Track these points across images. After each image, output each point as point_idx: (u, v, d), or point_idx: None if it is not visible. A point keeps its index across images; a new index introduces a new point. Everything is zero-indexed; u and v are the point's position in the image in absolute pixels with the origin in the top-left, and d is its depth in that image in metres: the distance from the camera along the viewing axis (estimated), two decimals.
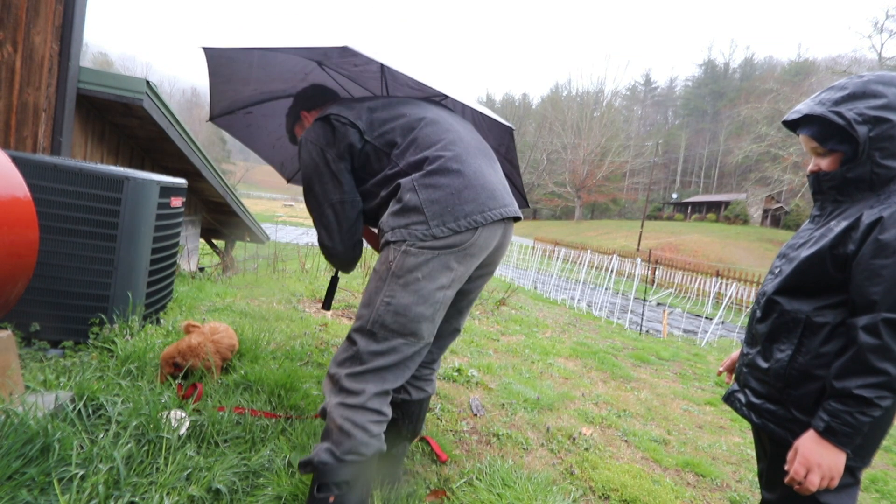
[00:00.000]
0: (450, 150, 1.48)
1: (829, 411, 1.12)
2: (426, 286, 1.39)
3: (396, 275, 1.40)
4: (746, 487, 2.56)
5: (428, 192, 1.41)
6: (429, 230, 1.38)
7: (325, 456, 1.34)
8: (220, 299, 4.32)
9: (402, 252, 1.40)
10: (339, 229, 1.61)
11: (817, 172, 1.29)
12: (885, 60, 30.36)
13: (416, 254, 1.39)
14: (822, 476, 1.12)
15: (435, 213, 1.39)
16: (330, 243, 1.64)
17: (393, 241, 1.42)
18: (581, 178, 47.63)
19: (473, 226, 1.40)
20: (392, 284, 1.40)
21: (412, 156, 1.49)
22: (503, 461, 2.27)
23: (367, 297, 1.46)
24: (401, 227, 1.42)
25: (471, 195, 1.42)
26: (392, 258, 1.41)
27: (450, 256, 1.40)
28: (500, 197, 1.50)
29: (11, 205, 1.72)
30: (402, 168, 1.49)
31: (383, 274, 1.43)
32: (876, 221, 1.11)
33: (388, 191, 1.50)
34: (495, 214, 1.45)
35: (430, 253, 1.39)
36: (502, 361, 4.01)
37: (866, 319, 1.09)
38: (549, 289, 11.25)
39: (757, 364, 1.33)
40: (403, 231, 1.41)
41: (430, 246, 1.39)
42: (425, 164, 1.45)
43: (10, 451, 1.44)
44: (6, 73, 3.01)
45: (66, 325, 2.50)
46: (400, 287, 1.39)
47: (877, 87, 1.17)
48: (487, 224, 1.44)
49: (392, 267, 1.40)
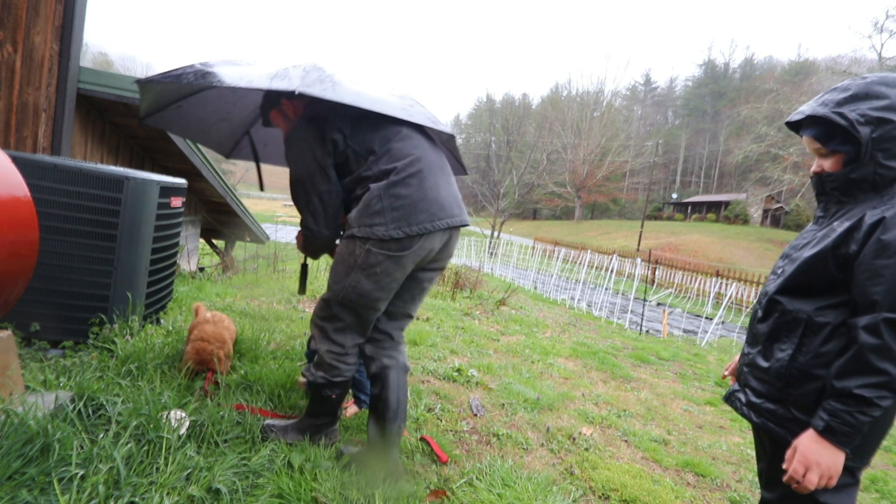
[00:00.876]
0: (414, 167, 1.77)
1: (829, 411, 1.12)
2: (383, 278, 1.78)
3: (361, 267, 1.77)
4: (746, 487, 2.56)
5: (390, 201, 1.72)
6: (387, 231, 1.71)
7: (320, 379, 1.93)
8: (220, 299, 4.32)
9: (366, 251, 1.75)
10: (325, 215, 1.88)
11: (820, 173, 1.29)
12: (885, 60, 30.31)
13: (377, 255, 1.74)
14: (820, 475, 1.12)
15: (393, 219, 1.71)
16: (316, 227, 1.90)
17: (359, 236, 1.75)
18: (581, 178, 47.60)
19: (422, 232, 1.73)
20: (357, 274, 1.78)
21: (384, 164, 1.77)
22: (503, 461, 2.27)
23: (337, 275, 1.84)
24: (365, 225, 1.73)
25: (424, 207, 1.74)
26: (358, 253, 1.76)
27: (401, 257, 1.75)
28: (448, 209, 1.82)
29: (11, 205, 1.72)
30: (373, 173, 1.77)
31: (351, 263, 1.79)
32: (878, 222, 1.11)
33: (362, 190, 1.78)
34: (442, 224, 1.78)
35: (386, 255, 1.74)
36: (502, 361, 4.01)
37: (867, 319, 1.09)
38: (549, 289, 11.25)
39: (757, 363, 1.33)
40: (367, 230, 1.73)
41: (387, 248, 1.73)
42: (392, 174, 1.74)
43: (10, 451, 1.44)
44: (6, 73, 3.01)
45: (66, 325, 2.50)
46: (364, 276, 1.78)
47: (879, 89, 1.17)
48: (434, 231, 1.77)
49: (358, 261, 1.77)
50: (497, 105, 57.17)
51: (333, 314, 1.89)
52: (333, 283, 1.86)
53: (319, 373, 1.94)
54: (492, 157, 31.77)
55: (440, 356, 3.77)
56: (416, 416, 2.60)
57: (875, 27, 31.22)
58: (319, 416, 2.03)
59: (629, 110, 66.45)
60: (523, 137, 34.83)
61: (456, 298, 6.84)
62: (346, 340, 1.92)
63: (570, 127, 49.89)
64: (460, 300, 6.80)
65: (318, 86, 1.67)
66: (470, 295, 7.37)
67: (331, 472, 1.84)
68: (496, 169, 29.48)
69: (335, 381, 1.93)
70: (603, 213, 54.65)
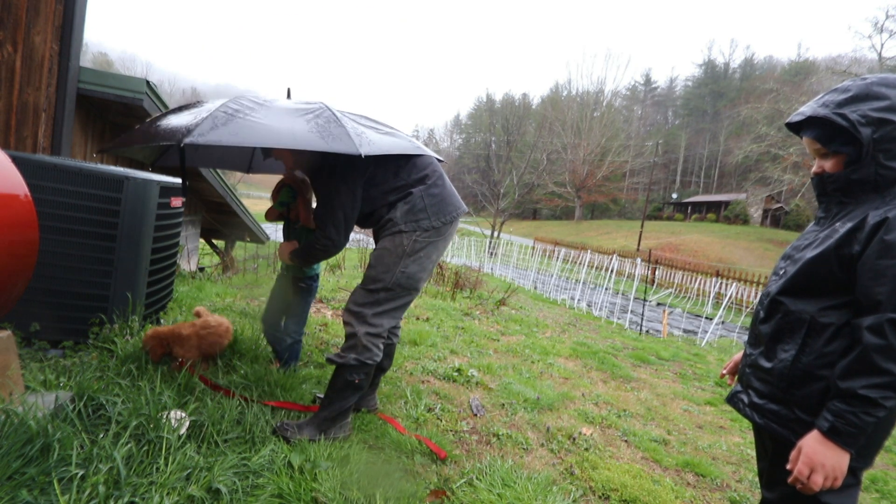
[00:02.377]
0: (437, 172, 2.27)
1: (834, 411, 1.11)
2: (425, 260, 2.18)
3: (409, 254, 2.14)
4: (746, 487, 2.56)
5: (429, 199, 2.18)
6: (430, 222, 2.16)
7: (352, 360, 2.11)
8: (220, 299, 4.32)
9: (413, 240, 2.14)
10: (347, 228, 2.19)
11: (821, 174, 1.29)
12: (886, 60, 30.28)
13: (422, 242, 2.15)
14: (825, 476, 1.11)
15: (433, 213, 2.18)
16: (337, 237, 2.19)
17: (406, 230, 2.14)
18: (581, 178, 47.53)
19: (451, 220, 2.22)
20: (406, 260, 2.13)
21: (416, 174, 2.21)
22: (503, 461, 2.27)
23: (385, 266, 2.13)
24: (412, 221, 2.14)
25: (449, 201, 2.24)
26: (406, 244, 2.13)
27: (439, 241, 2.20)
28: (458, 201, 2.32)
29: (11, 205, 1.72)
30: (409, 181, 2.18)
31: (399, 253, 2.13)
32: (881, 222, 1.11)
33: (398, 196, 2.17)
34: (459, 212, 2.28)
35: (429, 240, 2.17)
36: (502, 361, 4.01)
37: (871, 320, 1.08)
38: (549, 289, 11.25)
39: (760, 364, 1.33)
40: (414, 224, 2.14)
41: (428, 236, 2.16)
42: (426, 179, 2.21)
43: (10, 451, 1.44)
44: (6, 73, 3.01)
45: (66, 325, 2.50)
46: (412, 262, 2.14)
47: (880, 90, 1.17)
48: (457, 218, 2.26)
49: (406, 249, 2.13)
50: (497, 105, 57.10)
51: (377, 299, 2.15)
52: (383, 273, 2.13)
53: (352, 355, 2.12)
54: (492, 157, 31.74)
55: (440, 356, 3.77)
56: (416, 416, 2.59)
57: (875, 27, 31.22)
58: (335, 405, 2.15)
59: (629, 110, 66.37)
60: (523, 137, 34.79)
61: (456, 298, 6.84)
62: (385, 322, 2.17)
63: (570, 127, 49.85)
64: (460, 300, 6.80)
65: (366, 144, 1.89)
66: (470, 295, 7.37)
67: (331, 471, 1.84)
68: (496, 169, 29.46)
69: (366, 363, 2.13)
70: (603, 213, 54.61)
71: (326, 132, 1.88)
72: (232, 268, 7.96)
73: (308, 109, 2.02)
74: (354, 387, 2.14)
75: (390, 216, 2.15)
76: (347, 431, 2.22)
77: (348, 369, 2.11)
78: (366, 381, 2.18)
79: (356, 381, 2.13)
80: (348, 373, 2.11)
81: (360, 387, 2.17)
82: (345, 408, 2.17)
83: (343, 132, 1.88)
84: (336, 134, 1.87)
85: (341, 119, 1.96)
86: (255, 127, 1.84)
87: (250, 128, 1.83)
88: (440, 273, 8.28)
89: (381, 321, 2.15)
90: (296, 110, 2.01)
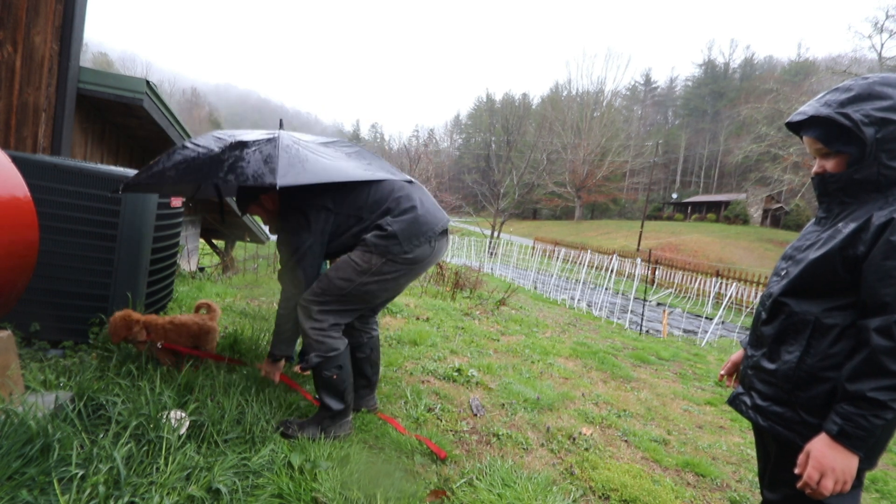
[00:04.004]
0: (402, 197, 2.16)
1: (842, 414, 1.10)
2: (391, 283, 2.16)
3: (373, 273, 2.10)
4: (746, 487, 2.56)
5: (399, 226, 2.10)
6: (400, 247, 2.09)
7: (314, 359, 2.12)
8: (220, 299, 4.32)
9: (383, 262, 2.09)
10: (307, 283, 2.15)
11: (823, 174, 1.28)
12: (885, 60, 30.24)
13: (389, 266, 2.10)
14: (835, 480, 1.10)
15: (404, 238, 2.10)
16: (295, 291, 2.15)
17: (377, 251, 2.08)
18: (581, 178, 47.55)
19: (427, 241, 2.15)
20: (368, 277, 2.10)
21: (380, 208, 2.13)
22: (503, 461, 2.27)
23: (345, 273, 2.10)
24: (383, 245, 2.08)
25: (423, 221, 2.15)
26: (374, 263, 2.09)
27: (412, 269, 2.17)
28: (437, 215, 2.23)
29: (11, 205, 1.72)
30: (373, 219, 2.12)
31: (364, 269, 2.09)
32: (887, 223, 1.10)
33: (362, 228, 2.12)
34: (437, 230, 2.19)
35: (399, 267, 2.13)
36: (502, 361, 4.01)
37: (879, 321, 1.08)
38: (549, 289, 11.25)
39: (763, 366, 1.32)
40: (384, 248, 2.08)
41: (404, 259, 2.11)
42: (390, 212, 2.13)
43: (10, 451, 1.43)
44: (6, 73, 3.00)
45: (66, 325, 2.50)
46: (374, 281, 2.11)
47: (882, 89, 1.17)
48: (434, 237, 2.18)
49: (373, 268, 2.09)
50: (497, 105, 57.15)
51: (326, 300, 2.11)
52: (338, 279, 2.10)
53: (312, 354, 2.13)
54: (492, 157, 31.77)
55: (440, 356, 3.77)
56: (416, 416, 2.59)
57: (875, 27, 31.17)
58: (332, 403, 2.17)
59: (629, 110, 66.34)
60: (523, 137, 34.79)
61: (456, 298, 6.84)
62: (328, 319, 2.14)
63: (570, 127, 49.88)
64: (460, 300, 6.80)
65: (291, 173, 1.82)
66: (470, 295, 7.37)
67: (331, 471, 1.84)
68: (496, 169, 29.47)
69: (329, 357, 2.13)
70: (603, 213, 54.60)
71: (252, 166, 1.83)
72: (232, 268, 7.96)
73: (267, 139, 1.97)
74: (335, 382, 2.15)
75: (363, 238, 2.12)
76: (349, 430, 2.24)
77: (319, 368, 2.14)
78: (345, 373, 2.18)
79: (334, 377, 2.14)
80: (322, 370, 2.14)
81: (343, 379, 2.17)
82: (340, 406, 2.18)
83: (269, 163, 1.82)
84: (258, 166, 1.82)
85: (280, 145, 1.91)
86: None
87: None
88: (440, 273, 8.28)
89: (323, 317, 2.13)
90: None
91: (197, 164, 1.91)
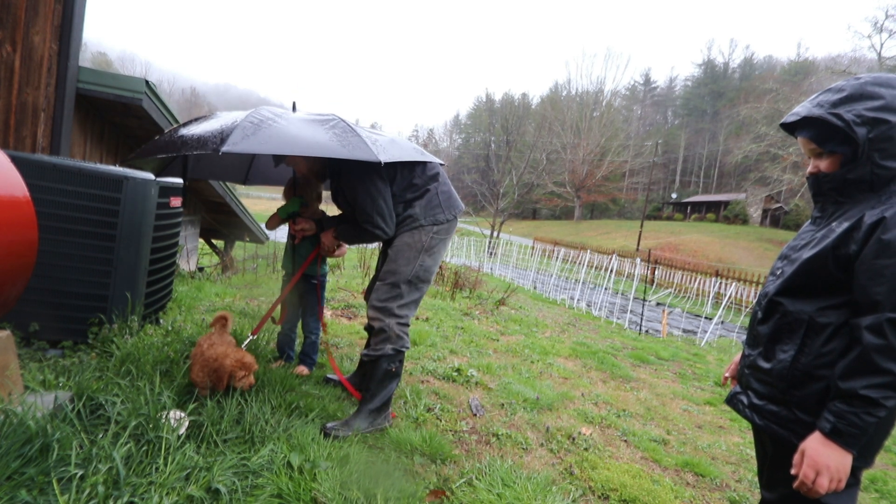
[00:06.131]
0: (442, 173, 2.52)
1: (835, 412, 1.11)
2: (437, 256, 2.45)
3: (426, 249, 2.38)
4: (746, 487, 2.56)
5: (443, 196, 2.45)
6: (444, 215, 2.42)
7: (389, 350, 2.33)
8: (219, 299, 4.32)
9: (430, 236, 2.39)
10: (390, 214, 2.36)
11: (817, 174, 1.29)
12: (885, 60, 30.25)
13: (437, 238, 2.42)
14: (830, 478, 1.11)
15: (446, 207, 2.45)
16: (385, 226, 2.35)
17: (425, 225, 2.38)
18: (580, 178, 47.53)
19: (457, 214, 2.50)
20: (423, 255, 2.38)
21: (429, 172, 2.45)
22: (503, 461, 2.27)
23: (405, 260, 2.36)
24: (430, 215, 2.39)
25: (455, 198, 2.53)
26: (424, 239, 2.38)
27: (447, 238, 2.47)
28: (459, 200, 2.58)
29: (11, 205, 1.72)
30: (424, 180, 2.42)
31: (418, 248, 2.37)
32: (878, 222, 1.11)
33: (416, 194, 2.40)
34: (461, 209, 2.55)
35: (442, 236, 2.44)
36: (502, 361, 4.01)
37: (871, 319, 1.08)
38: (548, 289, 11.26)
39: (759, 365, 1.33)
40: (432, 217, 2.39)
41: (440, 230, 2.42)
42: (438, 177, 2.47)
43: (9, 451, 1.43)
44: (5, 73, 3.00)
45: (65, 325, 2.49)
46: (428, 256, 2.39)
47: (874, 89, 1.17)
48: (458, 216, 2.52)
49: (425, 244, 2.38)
50: (497, 105, 57.09)
51: (399, 293, 2.36)
52: (403, 266, 2.35)
53: (388, 345, 2.33)
54: (491, 156, 31.80)
55: (440, 356, 3.77)
56: (415, 416, 2.60)
57: (874, 27, 31.20)
58: (379, 395, 2.34)
59: (629, 110, 66.36)
60: (523, 137, 34.78)
61: (455, 298, 6.83)
62: (409, 312, 2.40)
63: (570, 127, 49.86)
64: (460, 300, 6.80)
65: (382, 152, 2.06)
66: (469, 295, 7.37)
67: (330, 471, 1.84)
68: (496, 169, 29.47)
69: (401, 350, 2.36)
70: (602, 213, 54.62)
71: (345, 141, 2.05)
72: (231, 268, 7.96)
73: (324, 120, 2.19)
74: (392, 375, 2.35)
75: (409, 213, 2.37)
76: (390, 421, 2.42)
77: (386, 359, 2.32)
78: (400, 368, 2.41)
79: (393, 370, 2.35)
80: (386, 363, 2.32)
81: (397, 374, 2.38)
82: (387, 397, 2.37)
83: (360, 141, 2.05)
84: (354, 143, 2.04)
85: (356, 129, 2.14)
86: (282, 136, 1.99)
87: (278, 137, 1.97)
88: (440, 273, 8.27)
89: (405, 312, 2.38)
90: (313, 121, 2.18)
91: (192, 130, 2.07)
